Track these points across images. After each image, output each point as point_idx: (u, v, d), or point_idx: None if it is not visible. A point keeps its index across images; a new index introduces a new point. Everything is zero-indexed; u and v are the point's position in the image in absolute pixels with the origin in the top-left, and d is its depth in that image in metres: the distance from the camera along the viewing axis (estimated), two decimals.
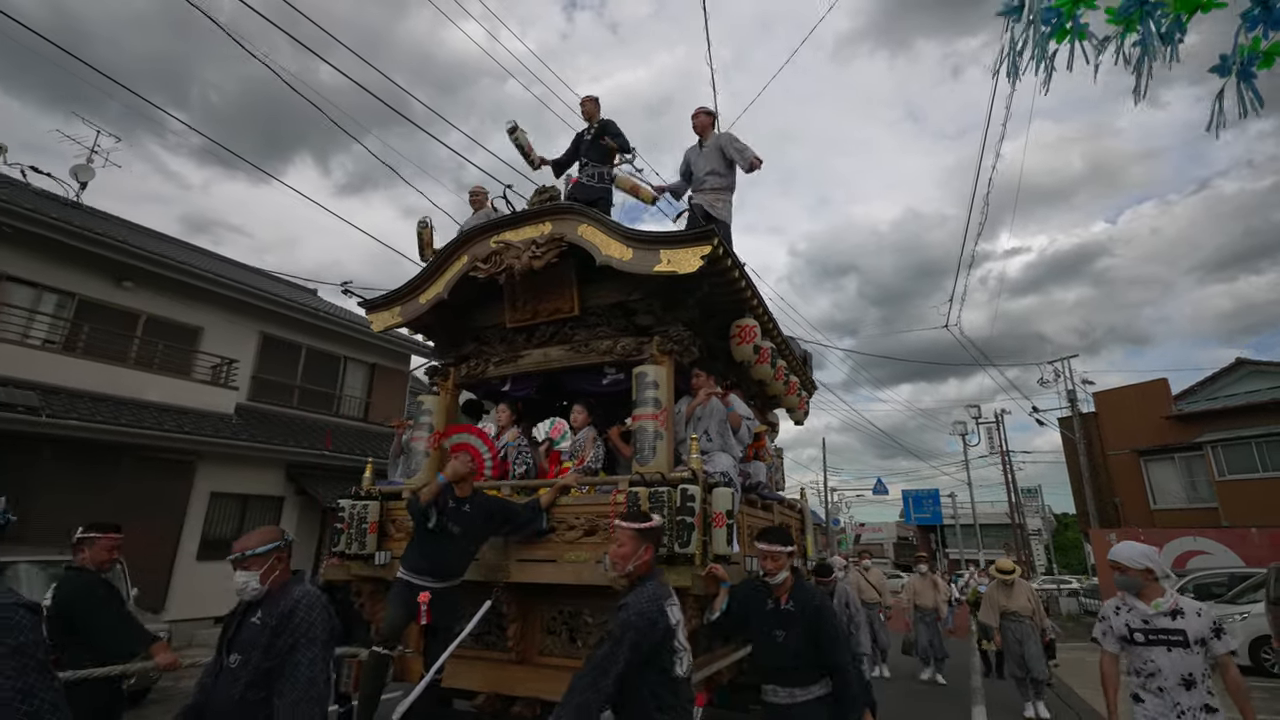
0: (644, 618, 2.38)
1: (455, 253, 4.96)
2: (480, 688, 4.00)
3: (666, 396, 4.17)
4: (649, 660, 2.37)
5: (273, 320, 13.43)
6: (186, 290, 11.94)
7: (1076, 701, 8.02)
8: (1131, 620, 3.03)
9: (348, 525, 4.49)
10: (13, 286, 10.14)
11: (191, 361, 12.07)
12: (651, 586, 2.55)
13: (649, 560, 2.67)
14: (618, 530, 2.76)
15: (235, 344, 12.78)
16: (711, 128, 5.58)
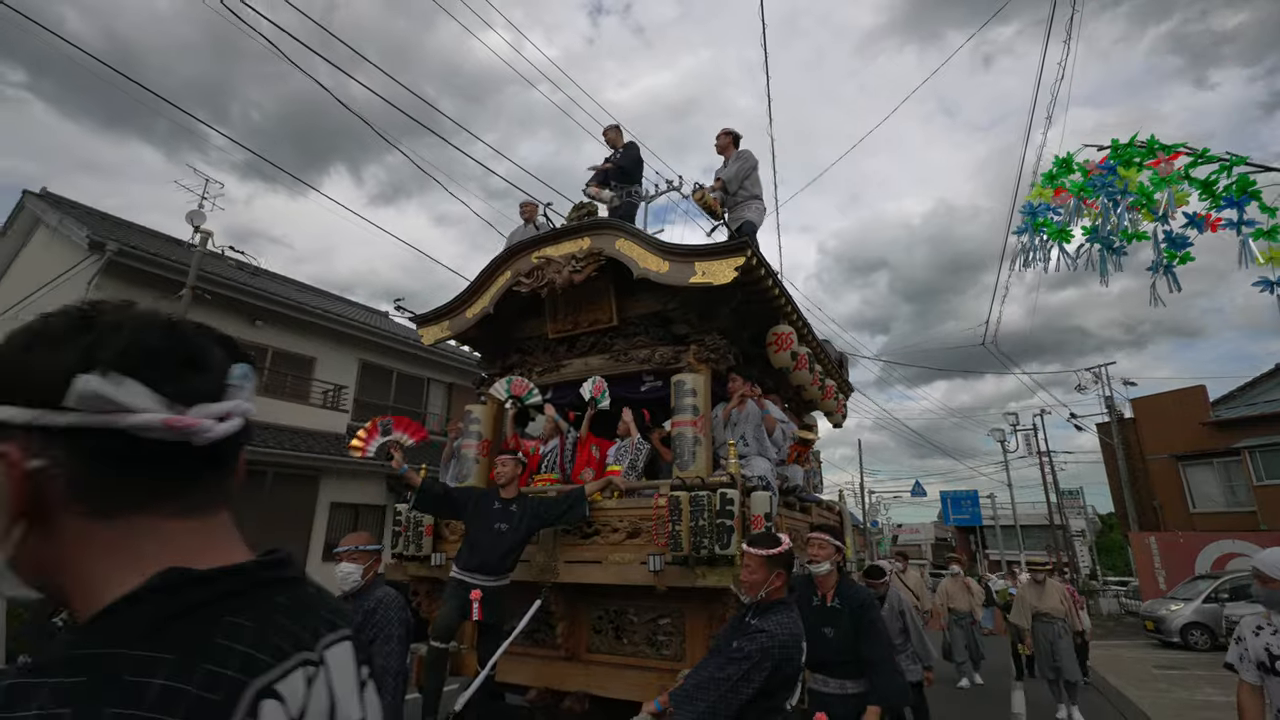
0: (785, 650, 2.37)
1: (499, 269, 5.18)
2: (532, 683, 4.18)
3: (704, 403, 4.29)
4: (778, 690, 2.38)
5: (370, 348, 15.15)
6: (302, 326, 13.70)
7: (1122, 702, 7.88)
8: (1274, 644, 2.45)
9: (405, 529, 4.74)
10: None
11: (308, 388, 13.73)
12: (789, 618, 2.48)
13: (781, 586, 2.58)
14: (746, 555, 2.66)
15: (341, 371, 14.57)
16: (733, 147, 5.71)
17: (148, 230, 14.75)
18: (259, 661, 0.50)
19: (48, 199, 13.49)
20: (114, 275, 11.06)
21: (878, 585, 5.14)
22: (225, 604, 0.52)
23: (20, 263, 14.78)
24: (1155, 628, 13.17)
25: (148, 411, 0.53)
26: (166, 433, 0.54)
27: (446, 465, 5.79)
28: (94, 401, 0.51)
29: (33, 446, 0.52)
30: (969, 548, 39.27)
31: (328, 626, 0.59)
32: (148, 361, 0.54)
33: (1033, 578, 7.16)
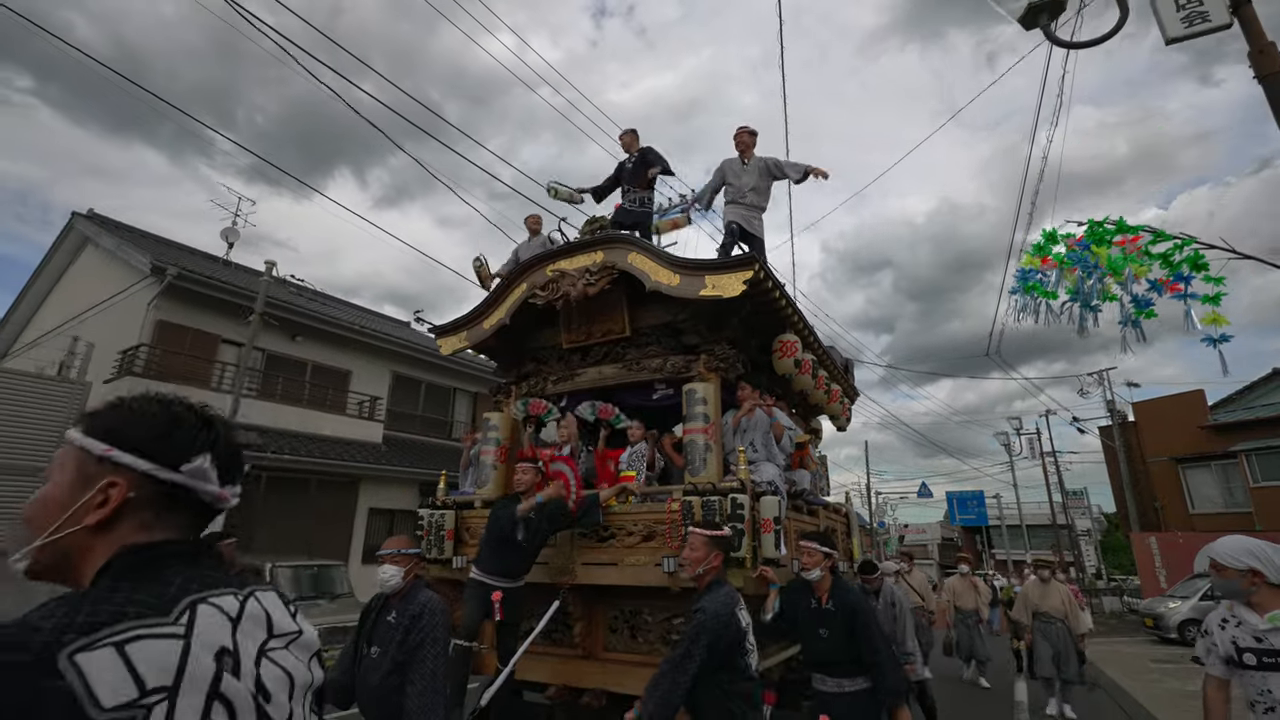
0: (719, 619, 2.62)
1: (515, 281, 5.35)
2: (550, 680, 4.34)
3: (714, 411, 4.45)
4: (725, 659, 2.61)
5: (401, 360, 15.97)
6: (338, 340, 14.53)
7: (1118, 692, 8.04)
8: (1240, 637, 2.36)
9: (427, 532, 4.91)
10: (225, 347, 12.92)
11: (345, 400, 14.51)
12: (724, 591, 2.77)
13: (718, 566, 2.89)
14: (691, 535, 3.00)
15: (374, 383, 15.41)
16: (753, 146, 5.81)
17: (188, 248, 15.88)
18: (194, 587, 0.82)
19: (95, 220, 14.53)
20: (172, 297, 11.99)
21: (871, 580, 5.28)
22: (159, 561, 0.84)
23: (69, 279, 15.75)
24: (1154, 624, 13.67)
25: (213, 486, 0.91)
26: (211, 499, 0.93)
27: (465, 472, 5.96)
28: (197, 474, 0.89)
29: (133, 484, 0.86)
30: (975, 548, 39.28)
31: (252, 582, 0.93)
32: (224, 462, 0.93)
33: (1039, 577, 7.27)
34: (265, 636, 0.87)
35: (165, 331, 11.97)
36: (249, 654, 0.83)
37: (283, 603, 0.94)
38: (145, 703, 0.70)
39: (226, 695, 0.76)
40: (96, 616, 0.72)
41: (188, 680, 0.74)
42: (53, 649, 0.67)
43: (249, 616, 0.85)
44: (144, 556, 0.84)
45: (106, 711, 0.67)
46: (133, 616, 0.74)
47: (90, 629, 0.71)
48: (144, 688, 0.70)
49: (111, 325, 12.73)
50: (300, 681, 0.89)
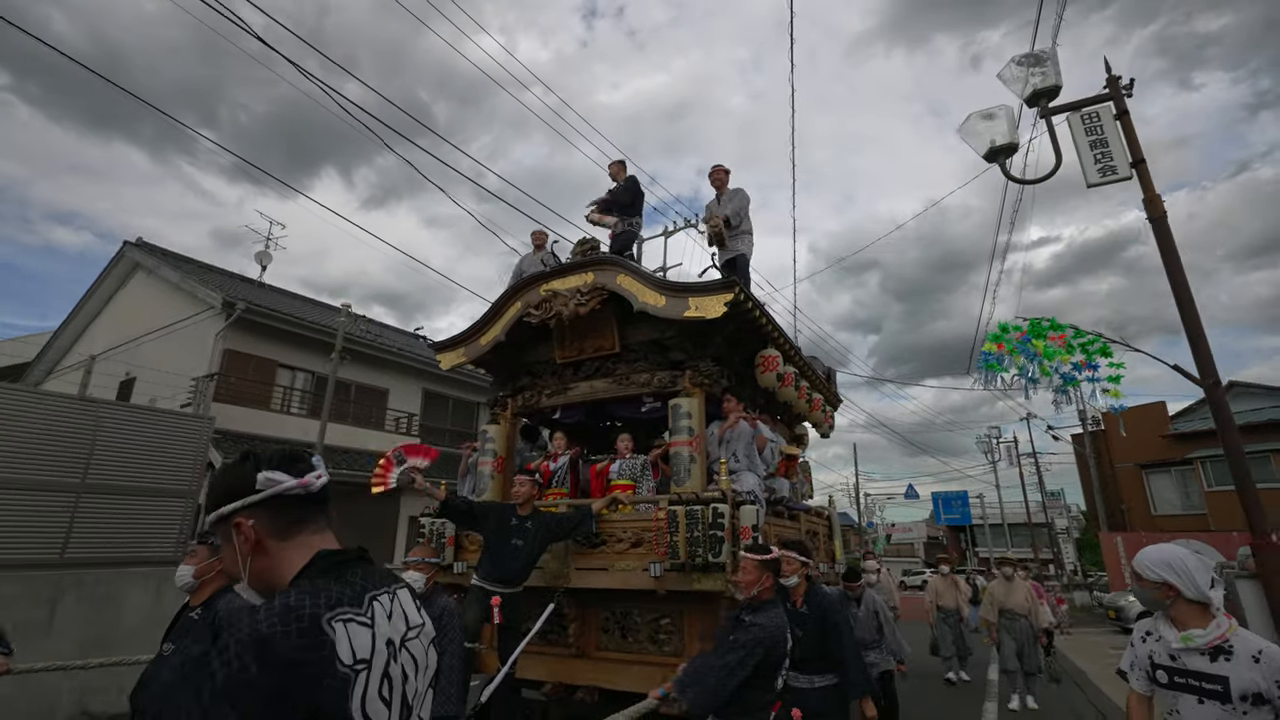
0: (774, 639, 2.83)
1: (509, 300, 5.58)
2: (547, 678, 4.58)
3: (699, 425, 4.69)
4: (767, 673, 2.83)
5: (431, 378, 16.85)
6: (377, 362, 15.46)
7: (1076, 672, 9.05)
8: (1157, 652, 2.21)
9: (429, 540, 5.13)
10: (280, 370, 14.12)
11: (384, 416, 15.66)
12: (777, 613, 2.95)
13: (770, 586, 3.06)
14: (743, 560, 3.14)
15: (408, 400, 16.52)
16: (727, 183, 6.11)
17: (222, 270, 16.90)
18: (370, 585, 1.08)
19: (145, 248, 15.66)
20: (238, 328, 13.12)
21: (854, 588, 5.51)
22: (347, 564, 1.10)
23: (119, 303, 16.66)
24: (1116, 616, 14.97)
25: (287, 480, 1.12)
26: (297, 489, 1.13)
27: (463, 479, 6.19)
28: (266, 482, 1.10)
29: (247, 515, 1.10)
30: (959, 546, 39.78)
31: (393, 581, 1.15)
32: (279, 462, 1.14)
33: (1003, 575, 7.53)
34: (405, 628, 1.10)
35: (232, 359, 13.16)
36: (398, 644, 1.07)
37: (412, 599, 1.18)
38: (357, 668, 0.96)
39: (390, 675, 1.02)
40: (330, 599, 0.99)
41: (375, 659, 1.00)
42: (320, 615, 0.95)
43: (396, 613, 1.10)
44: (331, 561, 1.09)
45: (344, 666, 0.95)
46: (344, 603, 1.00)
47: (331, 605, 0.98)
48: (356, 657, 0.97)
49: (170, 350, 13.86)
50: (424, 665, 1.12)
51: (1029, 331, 4.10)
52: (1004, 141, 4.61)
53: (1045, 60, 4.54)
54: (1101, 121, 4.51)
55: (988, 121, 4.63)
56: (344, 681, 0.94)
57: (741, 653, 2.77)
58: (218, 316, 13.23)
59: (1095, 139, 4.48)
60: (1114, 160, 4.43)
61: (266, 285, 17.18)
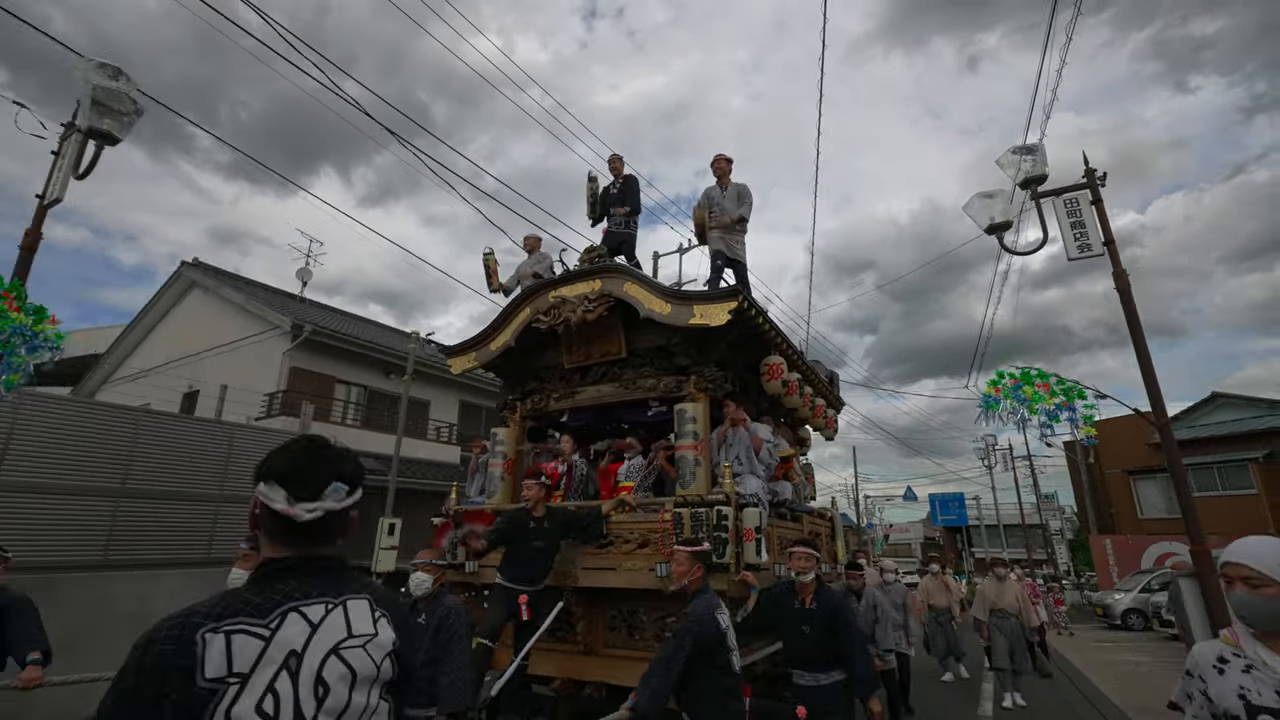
0: (700, 621, 2.96)
1: (519, 306, 5.64)
2: (555, 674, 4.64)
3: (703, 429, 4.75)
4: (709, 657, 2.92)
5: (467, 390, 17.72)
6: (421, 376, 15.62)
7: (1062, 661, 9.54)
8: (1257, 690, 1.52)
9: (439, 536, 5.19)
10: (338, 385, 15.11)
11: (426, 426, 16.51)
12: (707, 598, 3.11)
13: (700, 576, 3.23)
14: (676, 552, 3.33)
15: (447, 410, 17.46)
16: (730, 172, 6.10)
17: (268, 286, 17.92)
18: (298, 595, 1.07)
19: (200, 267, 16.77)
20: (303, 347, 14.14)
21: (856, 578, 5.57)
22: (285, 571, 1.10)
23: (175, 318, 17.55)
24: (1103, 613, 15.95)
25: (278, 502, 1.11)
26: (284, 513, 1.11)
27: (472, 477, 6.26)
28: (263, 494, 1.12)
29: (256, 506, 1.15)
30: (956, 547, 39.79)
31: (353, 590, 1.15)
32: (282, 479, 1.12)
33: (994, 575, 7.54)
34: (343, 637, 1.08)
35: (297, 376, 14.16)
36: (320, 651, 1.05)
37: (370, 609, 1.14)
38: (229, 680, 0.95)
39: (277, 689, 0.99)
40: (227, 610, 1.00)
41: (257, 672, 0.97)
42: (199, 627, 0.97)
43: (328, 624, 1.08)
44: (265, 569, 1.11)
45: (205, 681, 0.93)
46: (244, 614, 1.00)
47: (219, 617, 0.99)
48: (232, 670, 0.95)
49: (232, 365, 14.58)
50: (364, 675, 1.08)
51: (1020, 379, 4.99)
52: (1001, 219, 5.36)
53: (1035, 151, 5.27)
54: (1080, 206, 5.31)
55: (988, 200, 5.37)
56: (205, 695, 0.93)
57: (674, 642, 2.90)
58: (283, 336, 14.26)
59: (1075, 220, 5.30)
60: (1089, 239, 5.26)
61: (307, 301, 18.26)
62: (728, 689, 2.97)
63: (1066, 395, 4.91)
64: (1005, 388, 5.09)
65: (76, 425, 6.80)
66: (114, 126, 4.54)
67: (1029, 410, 4.95)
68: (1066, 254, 5.32)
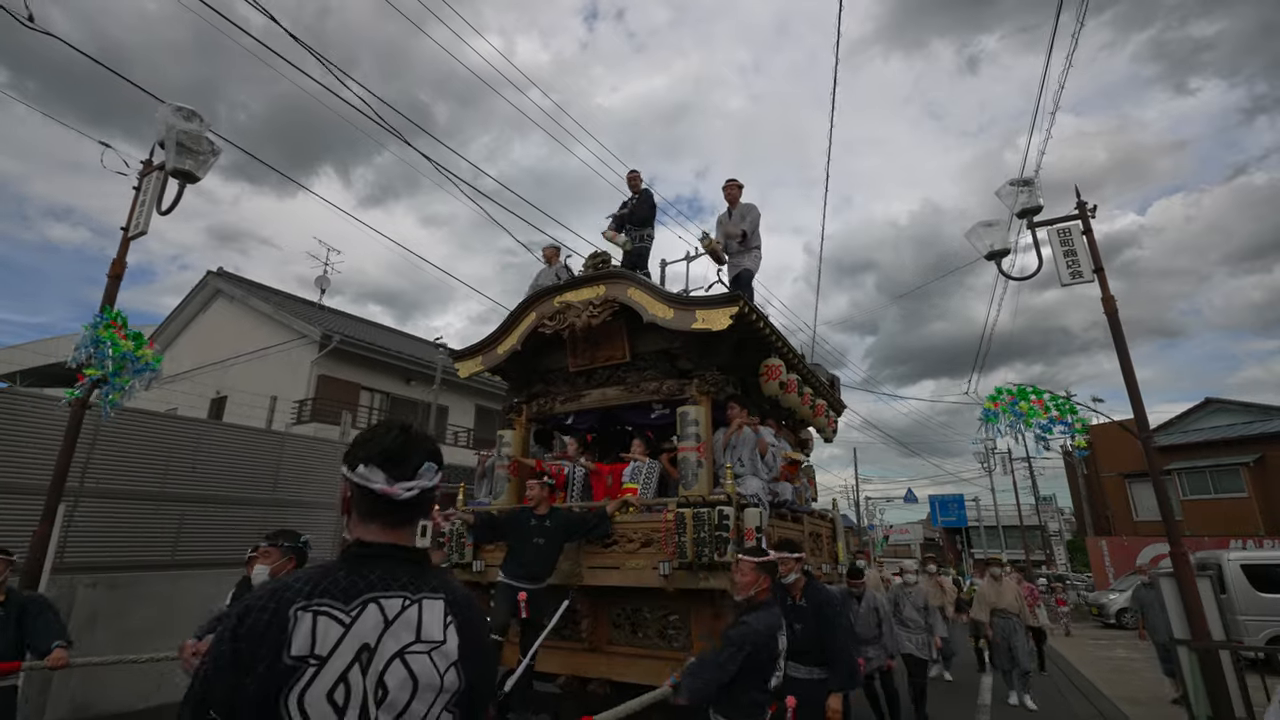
0: (762, 637, 2.88)
1: (525, 311, 5.71)
2: (561, 671, 4.70)
3: (706, 431, 4.82)
4: (756, 670, 2.89)
5: (482, 395, 18.24)
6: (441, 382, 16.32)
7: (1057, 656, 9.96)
8: None
9: (449, 540, 5.26)
10: (362, 392, 15.76)
11: (445, 431, 16.88)
12: (771, 614, 2.99)
13: (768, 588, 3.08)
14: (740, 562, 3.13)
15: (464, 415, 17.97)
16: (740, 198, 6.22)
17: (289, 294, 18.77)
18: (380, 586, 1.07)
19: (225, 276, 17.54)
20: (330, 356, 14.72)
21: (857, 584, 5.61)
22: (371, 559, 1.11)
23: (200, 325, 18.15)
24: (1099, 613, 16.88)
25: (378, 483, 1.13)
26: (384, 492, 1.13)
27: (480, 482, 6.32)
28: (361, 475, 1.14)
29: (347, 485, 1.16)
30: (955, 547, 39.82)
31: (432, 588, 1.14)
32: (383, 462, 1.14)
33: (992, 576, 7.59)
34: (411, 640, 1.05)
35: (324, 384, 14.75)
36: (387, 652, 1.02)
37: (443, 614, 1.10)
38: (310, 661, 0.95)
39: (349, 681, 0.97)
40: (318, 589, 1.01)
41: (333, 659, 0.97)
42: (292, 602, 0.99)
43: (402, 621, 1.05)
44: (356, 551, 1.11)
45: (290, 658, 0.95)
46: (332, 595, 1.01)
47: (310, 595, 1.00)
48: (313, 651, 0.96)
49: (258, 371, 15.20)
50: (426, 684, 1.03)
51: (1017, 396, 5.31)
52: (1000, 247, 5.75)
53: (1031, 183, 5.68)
54: (1072, 236, 5.64)
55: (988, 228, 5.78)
56: (287, 671, 0.93)
57: (731, 649, 2.83)
58: (310, 345, 14.84)
59: (1067, 249, 5.63)
60: (1080, 266, 5.60)
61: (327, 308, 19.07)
62: (758, 702, 2.96)
63: (1060, 410, 5.24)
64: (1004, 403, 5.40)
65: (148, 435, 7.31)
66: (194, 166, 4.87)
67: (1025, 424, 5.26)
68: (1059, 280, 5.64)
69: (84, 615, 6.02)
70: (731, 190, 6.28)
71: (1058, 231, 5.73)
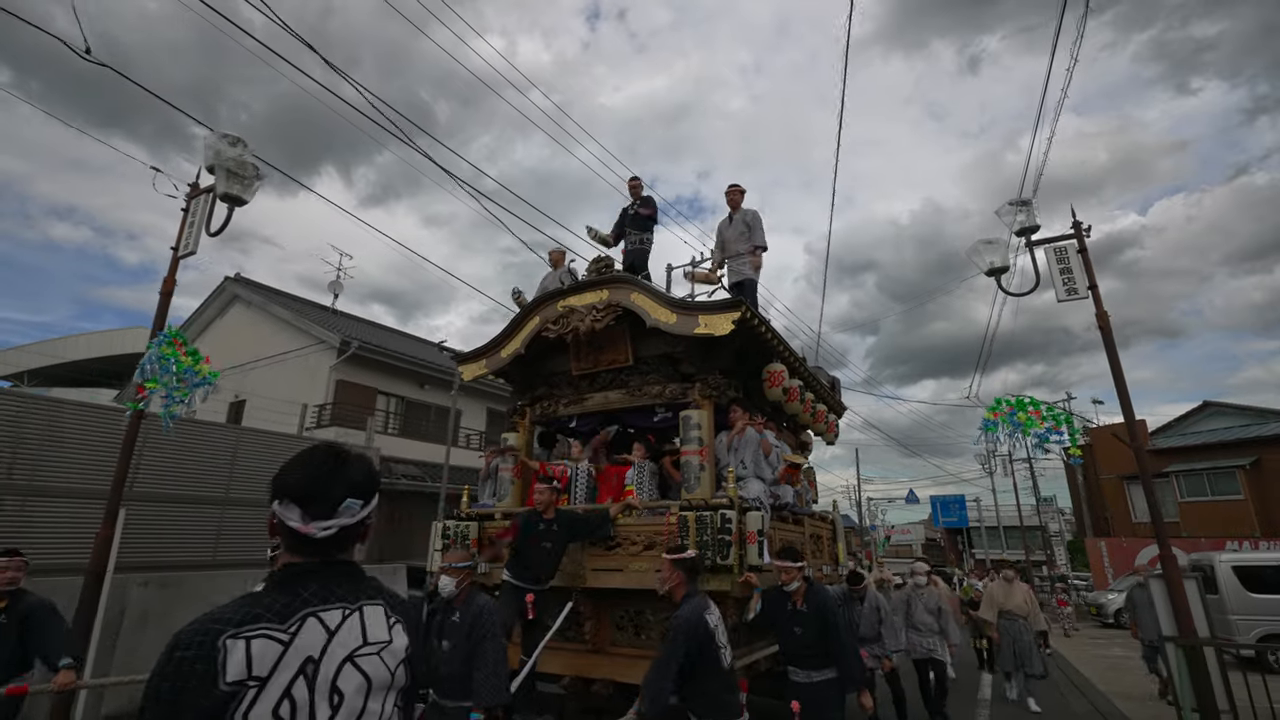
0: (688, 623, 3.05)
1: (529, 315, 5.74)
2: (564, 672, 4.71)
3: (708, 435, 4.84)
4: (700, 655, 3.01)
5: (492, 398, 18.28)
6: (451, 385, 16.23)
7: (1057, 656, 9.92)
8: None
9: (453, 541, 5.28)
10: (379, 396, 15.93)
11: (458, 434, 16.68)
12: (695, 601, 3.19)
13: (683, 581, 3.29)
14: (664, 561, 3.42)
15: (475, 418, 18.18)
16: (741, 203, 6.25)
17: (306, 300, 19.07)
18: (317, 600, 1.07)
19: (242, 282, 17.66)
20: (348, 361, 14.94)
21: (858, 589, 5.63)
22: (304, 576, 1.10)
23: (217, 330, 18.22)
24: (1097, 612, 17.22)
25: (293, 520, 1.10)
26: (301, 531, 1.11)
27: (484, 483, 6.33)
28: (280, 512, 1.11)
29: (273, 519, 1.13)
30: (957, 548, 39.83)
31: (368, 595, 1.14)
32: (297, 498, 1.12)
33: (1003, 578, 7.59)
34: (359, 644, 1.08)
35: (343, 389, 14.96)
36: (335, 659, 1.05)
37: (385, 616, 1.14)
38: (249, 684, 0.95)
39: (293, 695, 0.99)
40: (248, 616, 1.00)
41: (275, 676, 0.97)
42: (221, 632, 0.97)
43: (346, 629, 1.07)
44: (285, 572, 1.11)
45: (226, 684, 0.94)
46: (265, 619, 1.01)
47: (240, 623, 0.99)
48: (251, 673, 0.96)
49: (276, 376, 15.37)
50: (379, 682, 1.08)
51: (1015, 406, 5.55)
52: (1000, 264, 6.01)
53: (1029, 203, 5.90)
54: (1068, 255, 5.86)
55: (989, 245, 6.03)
56: (224, 698, 0.94)
57: (668, 644, 3.00)
58: (328, 350, 14.98)
59: (1063, 267, 5.82)
60: (1076, 284, 5.82)
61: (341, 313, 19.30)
62: (723, 684, 3.07)
63: (1056, 420, 5.49)
64: (1003, 413, 5.64)
65: (189, 442, 7.63)
66: (241, 190, 5.16)
67: (1023, 433, 5.50)
68: (1056, 297, 5.88)
69: (136, 614, 6.34)
70: (734, 196, 6.32)
71: (1054, 250, 5.92)
